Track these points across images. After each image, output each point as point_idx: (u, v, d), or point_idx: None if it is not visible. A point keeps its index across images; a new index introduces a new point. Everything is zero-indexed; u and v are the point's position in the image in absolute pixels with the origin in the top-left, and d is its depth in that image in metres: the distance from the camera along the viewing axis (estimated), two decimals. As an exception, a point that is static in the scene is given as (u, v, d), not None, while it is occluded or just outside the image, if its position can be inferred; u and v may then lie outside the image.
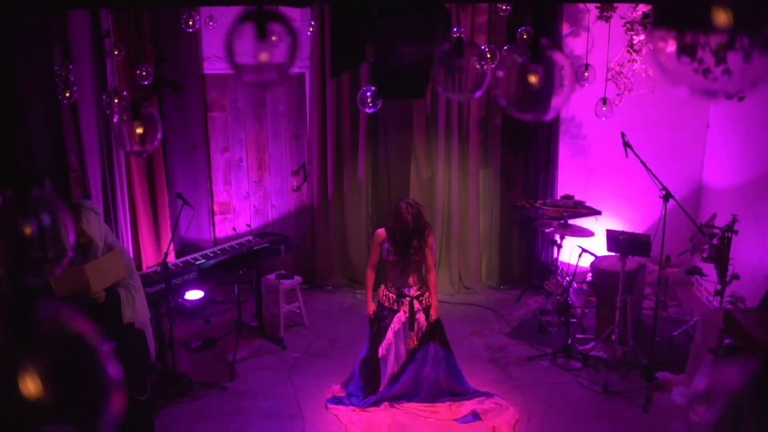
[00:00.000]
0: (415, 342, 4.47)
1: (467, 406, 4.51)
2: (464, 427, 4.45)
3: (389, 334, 4.48)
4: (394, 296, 4.46)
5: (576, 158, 6.82)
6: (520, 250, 6.97)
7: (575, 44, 6.38)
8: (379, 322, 4.54)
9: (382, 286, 4.57)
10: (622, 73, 6.12)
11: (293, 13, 6.21)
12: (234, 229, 6.95)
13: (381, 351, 4.54)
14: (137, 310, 3.84)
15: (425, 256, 4.44)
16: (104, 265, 3.69)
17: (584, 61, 5.32)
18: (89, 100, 5.51)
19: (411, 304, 4.43)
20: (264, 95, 6.85)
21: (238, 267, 5.67)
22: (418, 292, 4.47)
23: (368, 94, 3.47)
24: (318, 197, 6.84)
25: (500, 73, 1.73)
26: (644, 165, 4.93)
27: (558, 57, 1.68)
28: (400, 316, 4.44)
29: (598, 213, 6.41)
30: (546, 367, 5.30)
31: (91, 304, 3.61)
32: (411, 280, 4.46)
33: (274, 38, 1.45)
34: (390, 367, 4.58)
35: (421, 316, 4.48)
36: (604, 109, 5.19)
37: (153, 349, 4.24)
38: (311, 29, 6.06)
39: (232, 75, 6.49)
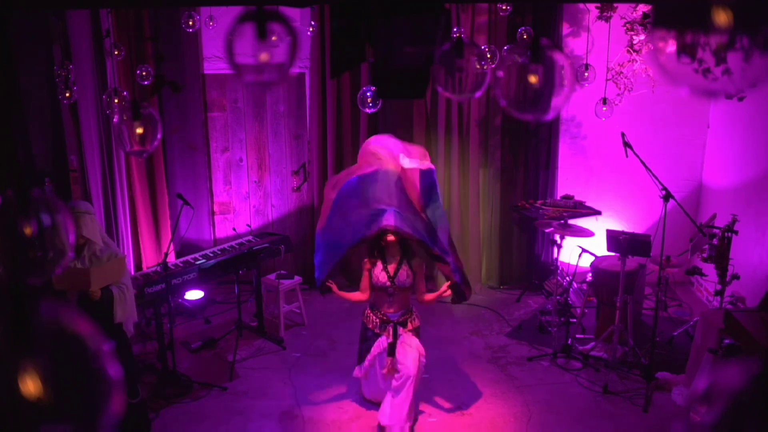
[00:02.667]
0: (393, 370, 4.27)
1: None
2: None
3: (367, 359, 4.39)
4: (378, 321, 4.33)
5: (576, 158, 6.82)
6: (520, 250, 6.97)
7: (575, 44, 6.38)
8: (361, 343, 4.48)
9: (368, 309, 4.44)
10: (622, 73, 6.12)
11: (293, 13, 6.21)
12: (234, 229, 6.95)
13: (357, 372, 4.53)
14: (127, 309, 3.87)
15: (415, 281, 4.33)
16: (109, 268, 3.75)
17: (584, 61, 5.32)
18: (89, 100, 5.51)
19: (395, 329, 4.30)
20: (264, 95, 6.85)
21: (238, 267, 5.67)
22: (403, 318, 4.34)
23: (368, 94, 3.47)
24: (318, 197, 6.84)
25: (500, 73, 1.74)
26: (644, 165, 4.93)
27: (558, 57, 1.69)
28: (382, 341, 4.31)
29: (598, 213, 6.41)
30: (546, 367, 5.30)
31: (86, 301, 3.63)
32: (396, 307, 4.34)
33: (274, 38, 1.45)
34: (366, 389, 4.68)
35: (407, 337, 4.32)
36: (604, 109, 5.19)
37: (129, 333, 4.20)
38: (311, 29, 6.06)
39: (232, 75, 6.50)
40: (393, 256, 4.28)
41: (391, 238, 4.20)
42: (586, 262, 5.89)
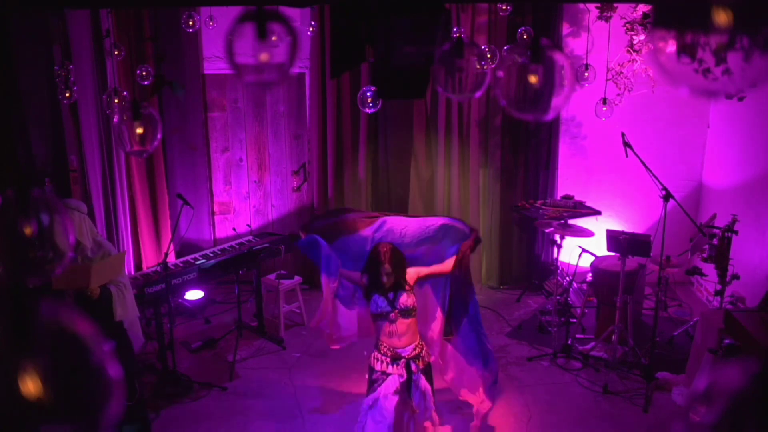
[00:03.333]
0: (414, 410, 3.76)
1: None
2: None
3: (372, 396, 3.77)
4: (388, 359, 3.76)
5: (576, 158, 6.82)
6: (520, 250, 6.97)
7: (575, 44, 6.38)
8: (370, 387, 3.85)
9: (374, 350, 3.83)
10: (622, 73, 6.12)
11: (293, 13, 6.21)
12: (234, 229, 6.95)
13: (366, 402, 3.82)
14: (127, 307, 3.86)
15: (417, 293, 3.81)
16: (110, 264, 3.73)
17: (584, 61, 5.32)
18: (89, 100, 5.51)
19: (408, 366, 3.75)
20: (264, 95, 6.85)
21: (238, 267, 5.67)
22: (415, 352, 3.77)
23: (368, 94, 3.47)
24: (318, 197, 6.84)
25: (500, 73, 1.74)
26: (644, 165, 4.93)
27: (558, 57, 1.68)
28: (394, 380, 3.75)
29: (598, 213, 6.41)
30: (546, 367, 5.30)
31: (85, 300, 3.62)
32: (404, 339, 3.75)
33: (274, 38, 1.45)
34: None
35: (422, 381, 3.80)
36: (604, 109, 5.19)
37: (140, 342, 4.22)
38: (311, 29, 6.06)
39: (232, 75, 6.50)
40: (388, 282, 3.73)
41: (387, 267, 3.66)
42: (586, 262, 5.89)
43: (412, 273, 3.80)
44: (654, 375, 4.87)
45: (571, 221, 5.63)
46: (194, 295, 6.20)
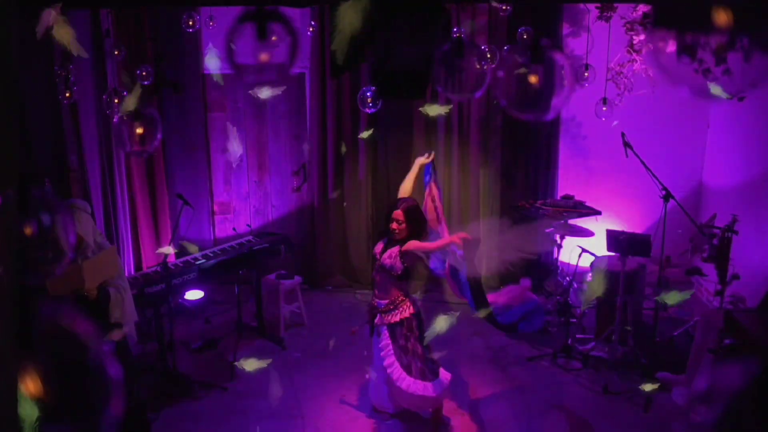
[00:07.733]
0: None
1: None
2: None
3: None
4: (369, 308, 4.36)
5: (576, 158, 6.82)
6: (520, 250, 6.96)
7: (575, 44, 6.38)
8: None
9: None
10: (622, 73, 6.12)
11: (293, 13, 6.20)
12: (234, 229, 6.94)
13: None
14: (125, 310, 3.85)
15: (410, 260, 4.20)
16: (101, 261, 3.71)
17: (584, 61, 5.32)
18: (89, 100, 5.51)
19: (371, 312, 4.30)
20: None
21: (238, 267, 5.67)
22: (387, 307, 4.20)
23: (368, 94, 3.46)
24: (318, 197, 6.84)
25: (500, 73, 1.74)
26: (644, 165, 4.93)
27: (558, 57, 1.69)
28: (374, 342, 4.34)
29: (598, 213, 6.40)
30: (546, 367, 5.29)
31: (82, 302, 3.61)
32: (379, 292, 4.25)
33: (274, 38, 1.45)
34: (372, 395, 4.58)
35: (384, 334, 4.23)
36: (604, 109, 5.18)
37: (133, 340, 4.23)
38: (311, 29, 6.06)
39: (232, 75, 6.50)
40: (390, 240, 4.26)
41: (394, 225, 4.17)
42: (586, 262, 5.89)
43: (415, 244, 4.15)
44: (654, 375, 4.87)
45: (571, 221, 5.62)
46: (194, 295, 6.19)
